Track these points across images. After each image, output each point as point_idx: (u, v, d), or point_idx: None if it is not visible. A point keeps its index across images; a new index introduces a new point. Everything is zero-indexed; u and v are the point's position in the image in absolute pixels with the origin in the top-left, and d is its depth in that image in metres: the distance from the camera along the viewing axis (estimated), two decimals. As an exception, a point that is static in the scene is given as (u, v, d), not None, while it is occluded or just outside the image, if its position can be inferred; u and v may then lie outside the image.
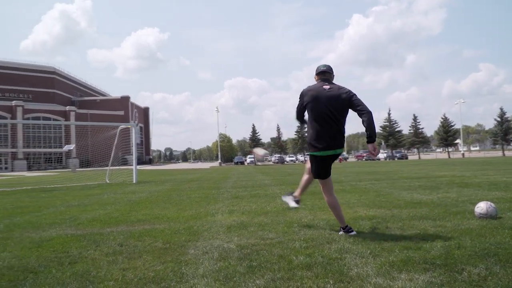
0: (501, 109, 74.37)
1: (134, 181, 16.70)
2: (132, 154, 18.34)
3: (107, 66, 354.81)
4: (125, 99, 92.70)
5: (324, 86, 4.26)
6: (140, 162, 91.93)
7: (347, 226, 4.26)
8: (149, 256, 3.58)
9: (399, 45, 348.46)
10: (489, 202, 4.92)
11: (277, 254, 3.45)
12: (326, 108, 4.14)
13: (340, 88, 4.27)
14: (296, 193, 4.86)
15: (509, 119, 73.22)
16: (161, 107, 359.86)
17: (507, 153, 75.96)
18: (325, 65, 4.48)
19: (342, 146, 4.33)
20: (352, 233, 4.16)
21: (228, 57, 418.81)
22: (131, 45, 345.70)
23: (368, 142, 4.17)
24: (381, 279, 2.70)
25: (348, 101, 4.17)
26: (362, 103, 4.17)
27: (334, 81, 4.45)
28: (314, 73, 4.53)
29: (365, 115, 4.07)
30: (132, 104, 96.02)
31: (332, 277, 2.79)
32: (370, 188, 9.85)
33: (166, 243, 4.11)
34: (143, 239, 4.36)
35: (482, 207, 4.78)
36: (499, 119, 74.64)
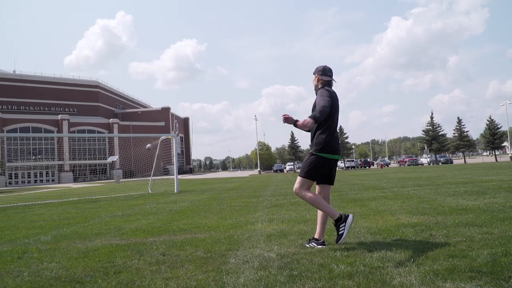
0: (552, 108, 70.60)
1: (175, 191, 17.06)
2: (173, 164, 18.72)
3: (147, 78, 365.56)
4: (165, 110, 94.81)
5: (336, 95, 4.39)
6: (181, 171, 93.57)
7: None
8: (191, 265, 3.65)
9: (441, 47, 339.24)
10: None
11: (317, 263, 3.43)
12: (338, 114, 4.33)
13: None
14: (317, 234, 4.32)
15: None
16: (200, 116, 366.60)
17: (560, 154, 71.86)
18: (330, 70, 4.40)
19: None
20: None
21: (265, 65, 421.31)
22: (170, 57, 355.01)
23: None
24: (425, 289, 2.64)
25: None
26: None
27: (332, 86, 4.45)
28: (320, 73, 4.36)
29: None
30: (172, 114, 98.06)
31: (374, 286, 2.75)
32: (413, 194, 9.61)
33: (207, 252, 4.18)
34: (185, 248, 4.45)
35: None
36: (550, 119, 70.78)
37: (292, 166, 76.90)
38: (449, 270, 2.99)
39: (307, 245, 4.19)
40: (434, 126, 75.92)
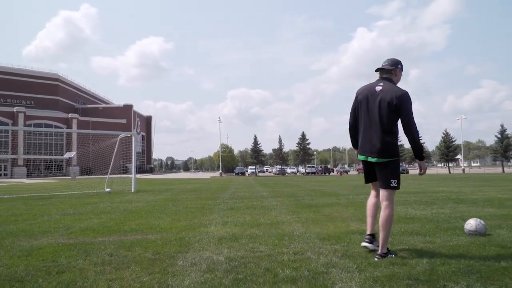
0: (502, 125, 74.55)
1: (132, 190, 16.73)
2: (135, 163, 18.40)
3: (110, 74, 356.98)
4: (127, 108, 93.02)
5: (376, 87, 4.00)
6: (141, 171, 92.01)
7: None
8: (138, 266, 3.61)
9: (403, 60, 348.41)
10: (479, 219, 4.94)
11: (264, 267, 3.47)
12: (371, 111, 3.96)
13: (392, 90, 3.92)
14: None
15: (509, 135, 73.22)
16: (164, 115, 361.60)
17: (507, 169, 75.85)
18: (386, 60, 4.18)
19: (380, 155, 3.93)
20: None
21: (232, 67, 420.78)
22: (135, 53, 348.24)
23: (415, 158, 4.10)
24: (362, 294, 2.73)
25: (395, 106, 3.84)
26: (409, 112, 3.85)
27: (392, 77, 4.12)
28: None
29: (408, 129, 3.85)
30: (135, 112, 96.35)
31: (315, 291, 2.82)
32: (366, 202, 9.84)
33: (156, 253, 4.14)
34: (134, 249, 4.39)
35: (471, 224, 4.81)
36: (499, 135, 74.72)
37: (254, 170, 77.22)
38: (388, 277, 3.10)
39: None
40: (393, 137, 78.03)
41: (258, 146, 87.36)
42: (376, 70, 4.16)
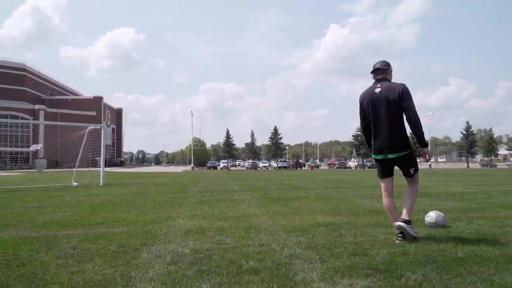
0: (467, 122, 77.25)
1: (101, 184, 16.48)
2: (104, 156, 18.09)
3: (79, 65, 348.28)
4: (97, 99, 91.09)
5: (376, 89, 4.28)
6: (110, 164, 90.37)
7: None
8: (101, 259, 3.58)
9: (374, 56, 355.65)
10: (438, 212, 5.11)
11: (228, 259, 3.50)
12: (379, 113, 4.23)
13: (390, 88, 4.23)
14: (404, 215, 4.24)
15: (474, 132, 75.72)
16: (135, 108, 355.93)
17: (471, 165, 78.39)
18: (379, 62, 4.45)
19: (398, 150, 4.21)
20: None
21: (205, 61, 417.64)
22: (105, 44, 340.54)
23: (419, 145, 4.40)
24: (323, 284, 2.79)
25: (399, 100, 4.14)
26: (411, 101, 4.12)
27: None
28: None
29: (411, 118, 4.13)
30: (105, 104, 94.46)
31: (277, 282, 2.86)
32: (334, 195, 10.04)
33: (121, 246, 4.11)
34: (98, 242, 4.34)
35: (431, 216, 4.97)
36: (465, 132, 77.34)
37: (226, 164, 77.13)
38: (349, 267, 3.18)
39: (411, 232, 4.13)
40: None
41: (231, 140, 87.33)
42: (372, 72, 4.43)
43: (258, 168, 75.51)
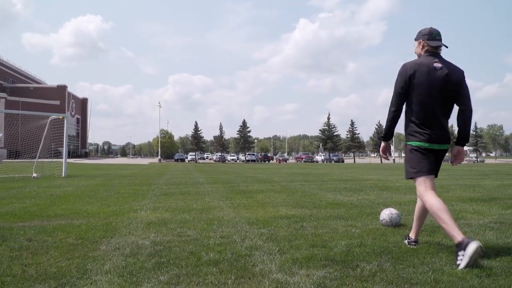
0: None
1: (63, 175, 16.06)
2: (66, 146, 17.62)
3: (42, 52, 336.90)
4: (61, 88, 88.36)
5: (434, 64, 3.41)
6: (75, 155, 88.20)
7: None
8: (57, 252, 3.49)
9: (342, 52, 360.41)
10: (389, 211, 4.86)
11: (188, 251, 3.49)
12: (435, 91, 3.38)
13: (452, 67, 3.45)
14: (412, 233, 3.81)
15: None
16: (101, 98, 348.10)
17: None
18: (438, 33, 3.53)
19: (449, 140, 3.51)
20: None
21: (174, 52, 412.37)
22: (70, 32, 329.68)
23: (457, 143, 3.59)
24: (280, 275, 2.83)
25: (457, 86, 3.42)
26: (468, 90, 3.48)
27: None
28: (426, 38, 3.51)
29: (468, 111, 3.46)
30: (69, 94, 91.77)
31: (235, 273, 2.88)
32: (298, 188, 10.16)
33: (79, 239, 4.02)
34: (55, 234, 4.23)
35: (385, 219, 4.81)
36: (428, 127, 79.67)
37: (194, 156, 76.68)
38: (307, 259, 3.23)
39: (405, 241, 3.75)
40: (330, 127, 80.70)
41: (199, 132, 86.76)
42: (436, 46, 3.50)
43: (227, 161, 75.44)
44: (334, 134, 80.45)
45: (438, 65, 3.40)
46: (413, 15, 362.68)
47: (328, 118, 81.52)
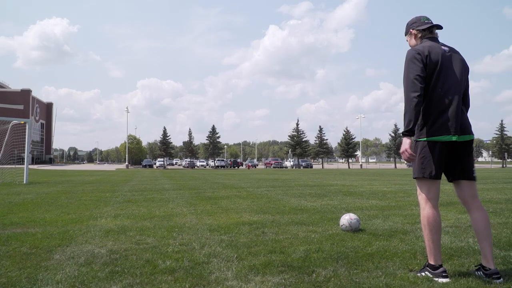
0: (395, 125, 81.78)
1: (24, 182, 15.56)
2: (28, 152, 17.07)
3: (5, 55, 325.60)
4: (25, 92, 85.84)
5: (443, 47, 3.06)
6: (39, 161, 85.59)
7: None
8: (9, 261, 3.39)
9: (311, 59, 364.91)
10: (348, 216, 4.92)
11: (145, 259, 3.45)
12: (455, 75, 3.00)
13: (456, 51, 3.13)
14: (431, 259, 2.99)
15: (401, 135, 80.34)
16: (67, 103, 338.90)
17: (399, 165, 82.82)
18: (428, 18, 3.22)
19: (472, 131, 3.03)
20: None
21: (143, 56, 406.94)
22: (35, 34, 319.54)
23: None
24: (236, 282, 2.83)
25: (467, 73, 3.14)
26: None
27: None
28: (415, 26, 3.21)
29: (468, 106, 3.19)
30: (34, 98, 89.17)
31: (190, 281, 2.86)
32: (264, 194, 10.19)
33: (33, 248, 3.91)
34: (9, 243, 4.10)
35: (345, 224, 4.86)
36: (393, 134, 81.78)
37: (162, 162, 75.70)
38: (264, 265, 3.25)
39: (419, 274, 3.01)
40: (299, 133, 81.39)
41: (168, 138, 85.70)
42: (428, 27, 3.16)
43: (196, 167, 74.90)
44: (303, 140, 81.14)
45: (445, 48, 3.05)
46: (379, 24, 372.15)
47: (297, 124, 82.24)
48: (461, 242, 4.16)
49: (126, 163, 70.95)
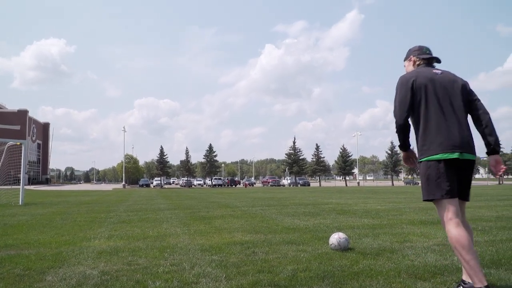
0: (392, 142, 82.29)
1: (20, 203, 15.57)
2: (25, 173, 17.12)
3: (2, 76, 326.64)
4: (22, 113, 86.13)
5: (434, 71, 3.19)
6: (35, 182, 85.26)
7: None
8: (2, 283, 3.46)
9: (307, 78, 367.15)
10: (337, 235, 4.98)
11: (135, 280, 3.52)
12: (447, 95, 3.08)
13: (452, 73, 3.24)
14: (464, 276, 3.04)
15: (398, 152, 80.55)
16: (64, 123, 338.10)
17: (396, 183, 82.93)
18: (430, 50, 3.38)
19: (474, 151, 3.05)
20: None
21: (139, 76, 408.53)
22: (32, 55, 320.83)
23: (489, 153, 3.12)
24: (222, 301, 2.92)
25: (466, 90, 3.16)
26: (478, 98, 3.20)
27: None
28: (416, 53, 3.37)
29: (486, 114, 3.12)
30: (30, 118, 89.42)
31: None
32: (258, 213, 10.26)
33: (26, 269, 3.98)
34: (3, 265, 4.17)
35: (334, 243, 4.91)
36: (389, 152, 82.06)
37: (159, 181, 75.57)
38: (251, 284, 3.33)
39: None
40: (296, 151, 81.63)
41: (165, 157, 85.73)
42: (427, 58, 3.33)
43: (193, 186, 74.73)
44: (300, 158, 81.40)
45: (437, 71, 3.19)
46: (373, 42, 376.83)
47: (294, 142, 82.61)
48: (445, 260, 4.25)
49: (123, 182, 70.79)
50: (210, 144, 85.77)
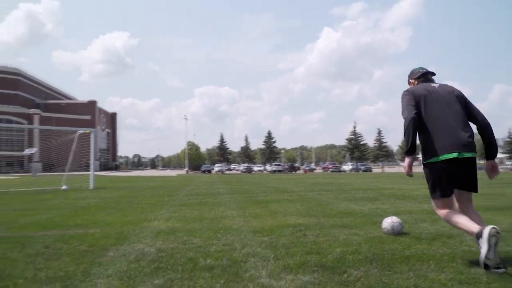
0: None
1: (90, 187, 16.64)
2: (95, 160, 18.29)
3: (72, 70, 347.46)
4: (92, 104, 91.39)
5: (432, 84, 3.68)
6: (105, 168, 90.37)
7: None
8: (69, 257, 3.77)
9: (368, 60, 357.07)
10: (390, 220, 4.92)
11: (188, 257, 3.70)
12: (444, 101, 3.50)
13: (447, 85, 3.71)
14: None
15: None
16: (130, 113, 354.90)
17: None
18: (422, 68, 3.92)
19: (475, 149, 3.36)
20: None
21: (199, 65, 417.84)
22: (99, 49, 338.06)
23: (487, 158, 3.56)
24: (267, 280, 2.99)
25: (462, 98, 3.57)
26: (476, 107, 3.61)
27: None
28: (410, 76, 3.97)
29: (486, 122, 3.51)
30: (99, 109, 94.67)
31: (226, 278, 3.06)
32: (315, 198, 10.25)
33: (91, 246, 4.30)
34: (71, 242, 4.53)
35: (387, 227, 4.86)
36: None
37: (221, 168, 77.26)
38: (298, 265, 3.39)
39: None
40: (356, 136, 79.95)
41: (224, 144, 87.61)
42: (421, 77, 3.86)
43: (253, 172, 75.70)
44: (361, 143, 79.69)
45: (435, 84, 3.68)
46: (438, 19, 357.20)
47: (354, 127, 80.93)
48: (508, 247, 4.05)
49: (186, 168, 73.16)
50: (269, 131, 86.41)
